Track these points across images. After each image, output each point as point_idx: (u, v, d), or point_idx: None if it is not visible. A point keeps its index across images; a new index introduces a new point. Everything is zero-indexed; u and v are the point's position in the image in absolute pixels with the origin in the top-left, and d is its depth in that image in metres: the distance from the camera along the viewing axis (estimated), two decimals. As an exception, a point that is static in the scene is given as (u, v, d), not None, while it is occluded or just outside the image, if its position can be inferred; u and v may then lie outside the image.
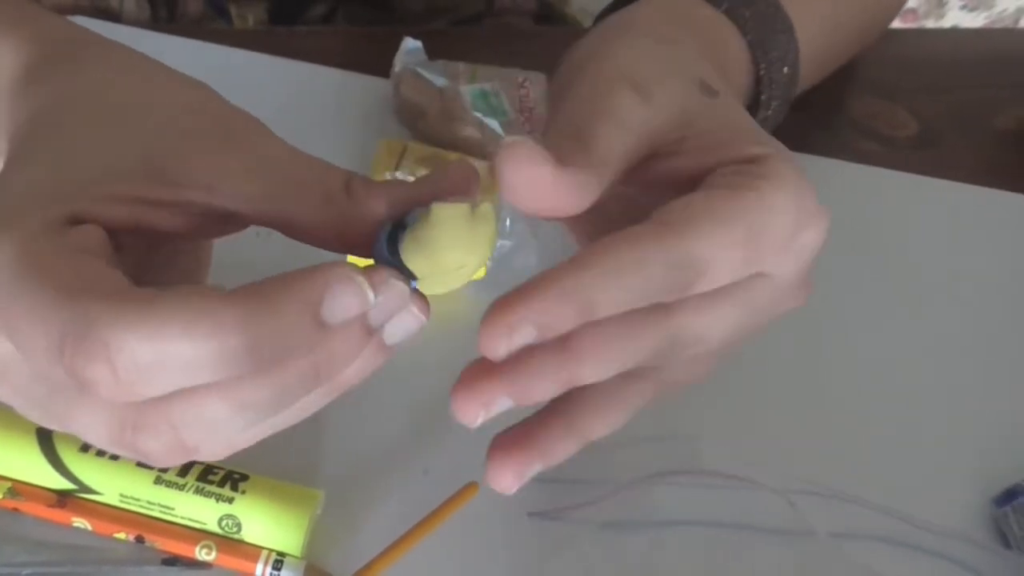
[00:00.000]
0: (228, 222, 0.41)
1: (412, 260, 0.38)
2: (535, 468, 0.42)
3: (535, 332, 0.37)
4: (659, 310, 0.40)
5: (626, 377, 0.42)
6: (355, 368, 0.38)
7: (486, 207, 0.38)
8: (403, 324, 0.38)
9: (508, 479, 0.42)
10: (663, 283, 0.39)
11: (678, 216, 0.40)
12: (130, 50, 0.46)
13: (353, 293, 0.35)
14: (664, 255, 0.38)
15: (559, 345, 0.39)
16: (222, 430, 0.36)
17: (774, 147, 0.43)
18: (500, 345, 0.37)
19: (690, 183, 0.43)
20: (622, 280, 0.38)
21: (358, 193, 0.40)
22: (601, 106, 0.43)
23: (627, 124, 0.43)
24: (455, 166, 0.41)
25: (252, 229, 0.42)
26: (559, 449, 0.42)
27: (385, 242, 0.39)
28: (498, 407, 0.39)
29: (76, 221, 0.37)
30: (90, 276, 0.35)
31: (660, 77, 0.46)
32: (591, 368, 0.40)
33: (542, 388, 0.39)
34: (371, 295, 0.36)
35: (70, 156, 0.40)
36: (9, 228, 0.36)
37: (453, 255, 0.37)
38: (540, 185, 0.39)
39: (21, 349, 0.36)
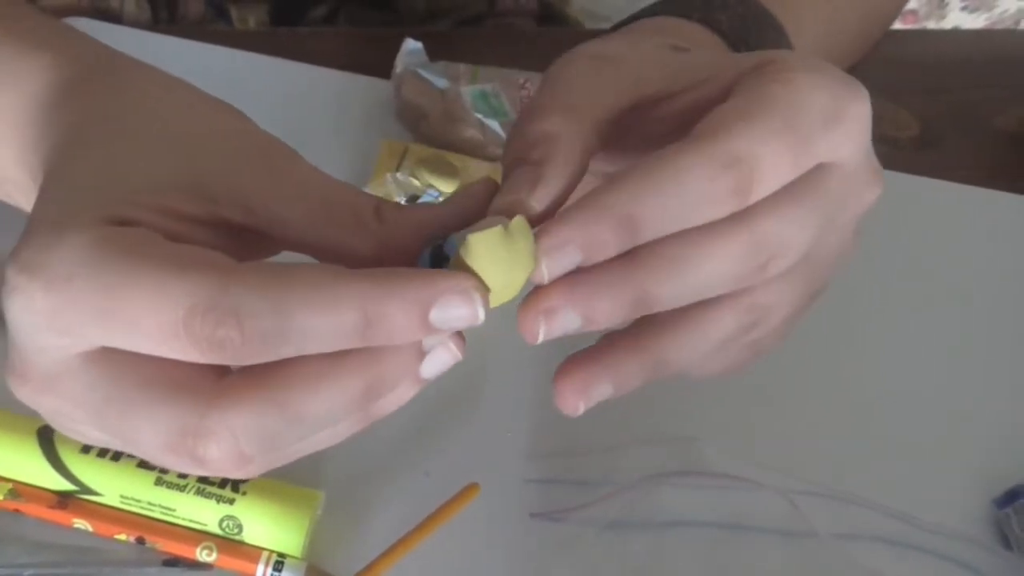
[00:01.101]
0: (261, 246, 0.42)
1: None
2: (602, 386, 0.41)
3: (580, 253, 0.38)
4: (730, 220, 0.39)
5: (707, 300, 0.41)
6: (390, 396, 0.39)
7: (519, 221, 0.38)
8: (440, 359, 0.39)
9: (572, 398, 0.41)
10: (712, 191, 0.38)
11: (710, 124, 0.40)
12: (166, 73, 0.46)
13: (465, 304, 0.36)
14: (703, 161, 0.38)
15: (626, 257, 0.39)
16: (277, 441, 0.38)
17: (780, 51, 0.44)
18: (542, 266, 0.38)
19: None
20: (662, 192, 0.38)
21: (388, 217, 0.41)
22: (563, 74, 0.44)
23: (591, 75, 0.43)
24: (479, 185, 0.42)
25: None
26: (628, 368, 0.41)
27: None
28: (562, 320, 0.39)
29: (123, 224, 0.38)
30: (202, 255, 0.37)
31: (625, 47, 0.46)
32: (662, 282, 0.39)
33: (608, 300, 0.39)
34: (482, 314, 0.37)
35: (114, 166, 0.41)
36: (71, 227, 0.37)
37: (496, 277, 0.37)
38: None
39: (129, 332, 0.36)
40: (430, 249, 0.39)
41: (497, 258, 0.37)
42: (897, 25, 0.88)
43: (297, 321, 0.35)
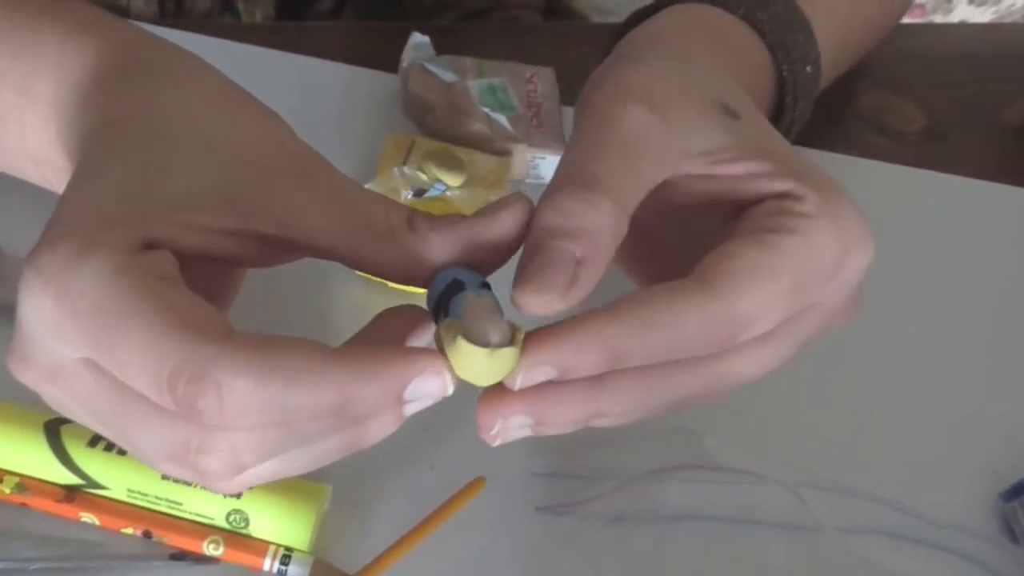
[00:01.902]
0: (289, 252, 0.43)
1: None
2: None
3: (554, 372, 0.39)
4: (702, 358, 0.40)
5: None
6: (373, 425, 0.40)
7: (509, 352, 0.38)
8: (423, 403, 0.39)
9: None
10: (701, 340, 0.39)
11: (718, 272, 0.40)
12: (210, 69, 0.47)
13: (436, 383, 0.37)
14: (702, 317, 0.39)
15: (591, 379, 0.40)
16: (272, 457, 0.39)
17: (808, 174, 0.43)
18: (517, 379, 0.39)
19: (725, 209, 0.43)
20: (653, 335, 0.39)
21: (420, 229, 0.41)
22: (612, 132, 0.43)
23: (640, 143, 0.43)
24: (512, 205, 0.41)
25: None
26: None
27: (434, 312, 0.41)
28: (515, 423, 0.40)
29: (150, 245, 0.39)
30: (202, 315, 0.37)
31: (676, 95, 0.45)
32: (620, 405, 0.40)
33: (563, 413, 0.40)
34: (451, 389, 0.38)
35: (148, 177, 0.41)
36: (97, 247, 0.37)
37: (469, 377, 0.38)
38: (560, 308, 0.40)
39: (120, 369, 0.37)
40: (445, 286, 0.40)
41: (471, 369, 0.38)
42: (904, 19, 0.88)
43: (277, 400, 0.36)
